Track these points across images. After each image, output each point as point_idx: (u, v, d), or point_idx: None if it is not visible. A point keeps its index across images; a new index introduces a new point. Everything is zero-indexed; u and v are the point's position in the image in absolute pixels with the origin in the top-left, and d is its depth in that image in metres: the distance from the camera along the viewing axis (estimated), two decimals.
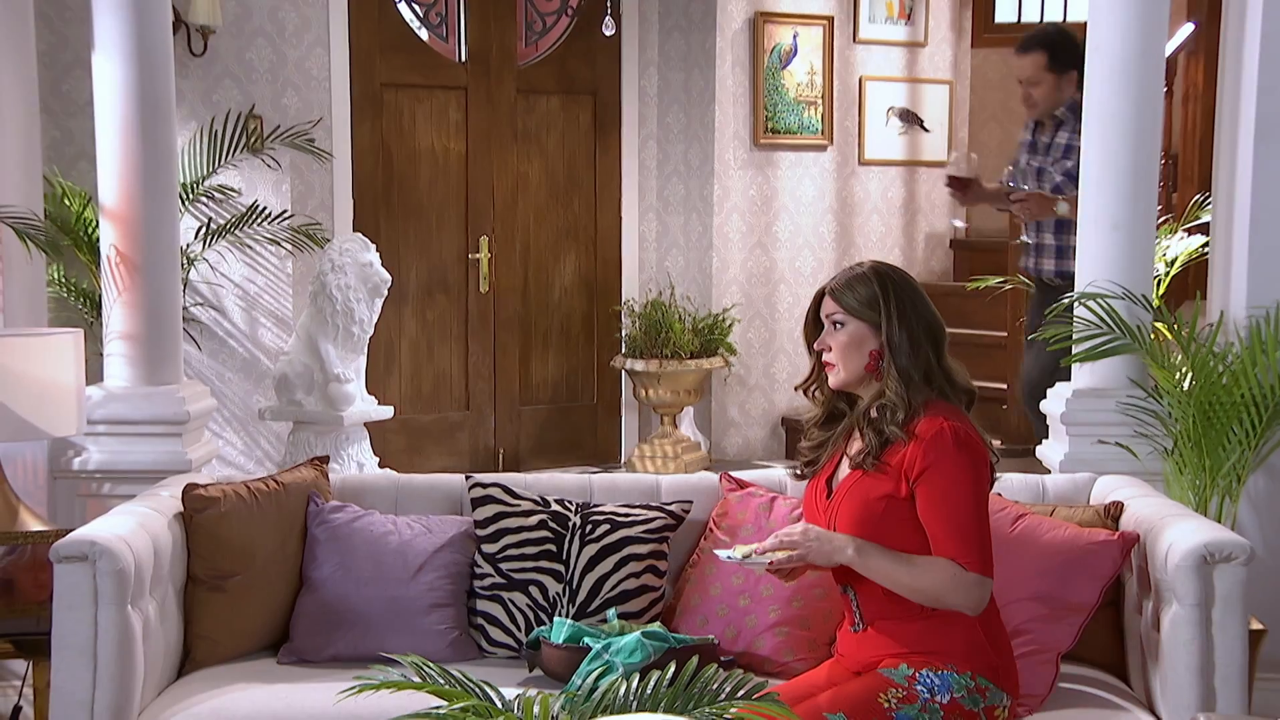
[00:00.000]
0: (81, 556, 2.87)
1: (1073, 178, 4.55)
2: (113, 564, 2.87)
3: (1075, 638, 3.04)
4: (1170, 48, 5.57)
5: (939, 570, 2.57)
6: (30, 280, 4.13)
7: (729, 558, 2.72)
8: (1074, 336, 3.93)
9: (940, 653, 2.60)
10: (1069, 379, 4.09)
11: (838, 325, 2.71)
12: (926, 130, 7.62)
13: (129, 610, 2.90)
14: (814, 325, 2.79)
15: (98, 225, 4.28)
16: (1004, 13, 7.88)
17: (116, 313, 3.93)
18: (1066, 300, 4.01)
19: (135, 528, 3.03)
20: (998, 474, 2.76)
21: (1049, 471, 3.98)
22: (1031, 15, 7.85)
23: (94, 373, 3.90)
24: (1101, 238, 3.95)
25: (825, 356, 2.73)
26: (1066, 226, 4.73)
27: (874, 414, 2.66)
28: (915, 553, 2.61)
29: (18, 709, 3.76)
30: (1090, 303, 3.84)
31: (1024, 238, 4.99)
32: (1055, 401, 4.09)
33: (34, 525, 3.46)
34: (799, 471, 2.86)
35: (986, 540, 2.60)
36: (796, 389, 2.92)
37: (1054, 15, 7.81)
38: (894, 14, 7.46)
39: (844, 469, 2.74)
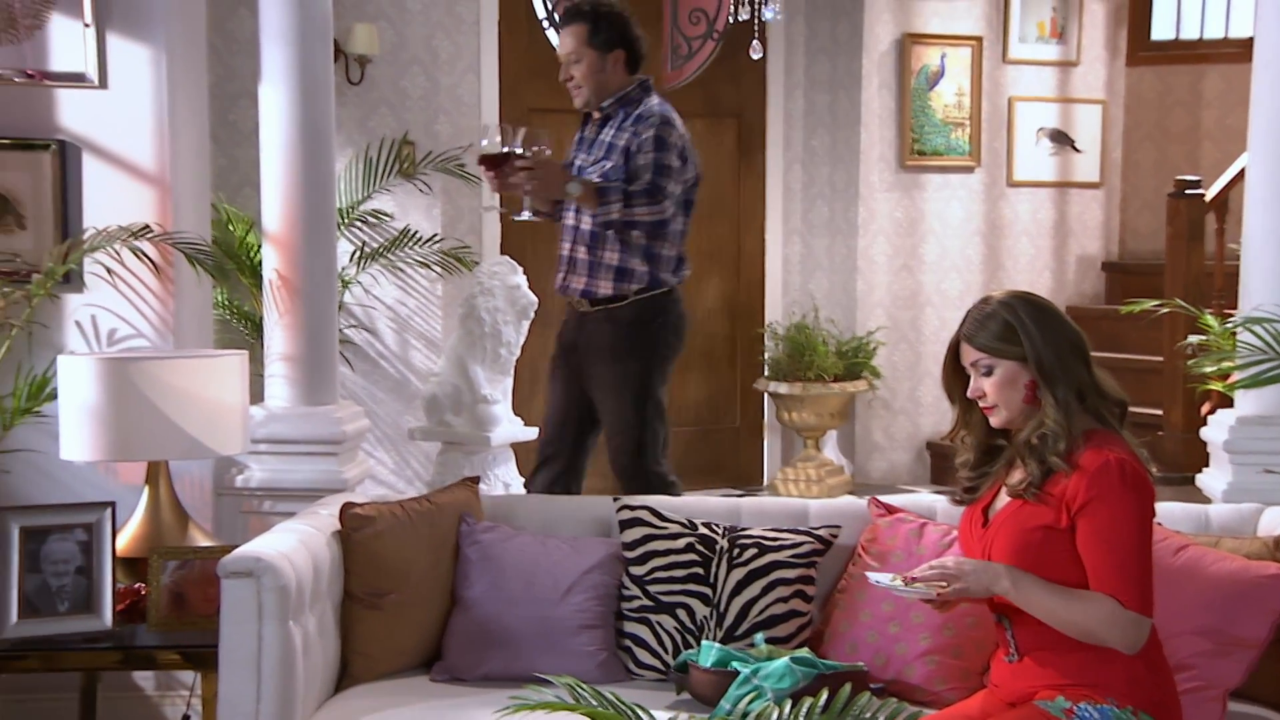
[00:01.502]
0: (247, 572, 2.96)
1: (610, 183, 4.10)
2: (276, 580, 2.95)
3: (1244, 675, 2.94)
4: None
5: (1097, 606, 2.51)
6: (199, 303, 4.29)
7: (878, 582, 2.70)
8: (1237, 363, 3.80)
9: (1100, 685, 2.54)
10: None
11: (986, 370, 2.66)
12: (1078, 151, 7.47)
13: (290, 625, 2.98)
14: (953, 375, 2.74)
15: (260, 249, 4.42)
16: (1161, 30, 7.68)
17: (277, 334, 4.05)
18: (1230, 326, 3.89)
19: (296, 545, 3.12)
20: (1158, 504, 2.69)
21: (1210, 501, 3.86)
22: (1190, 32, 7.64)
23: (253, 393, 4.03)
24: (1267, 260, 3.83)
25: (982, 403, 2.68)
26: (601, 241, 4.18)
27: (1035, 442, 2.61)
28: (1074, 584, 2.55)
29: (186, 718, 3.90)
30: (1255, 327, 3.72)
31: (524, 214, 4.13)
32: (1217, 429, 3.97)
33: (201, 541, 3.59)
34: (958, 497, 2.82)
35: (1148, 579, 2.53)
36: (945, 439, 2.88)
37: (1215, 30, 7.59)
38: (1045, 33, 7.33)
39: (1002, 498, 2.70)
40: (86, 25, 3.91)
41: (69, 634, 3.27)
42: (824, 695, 2.03)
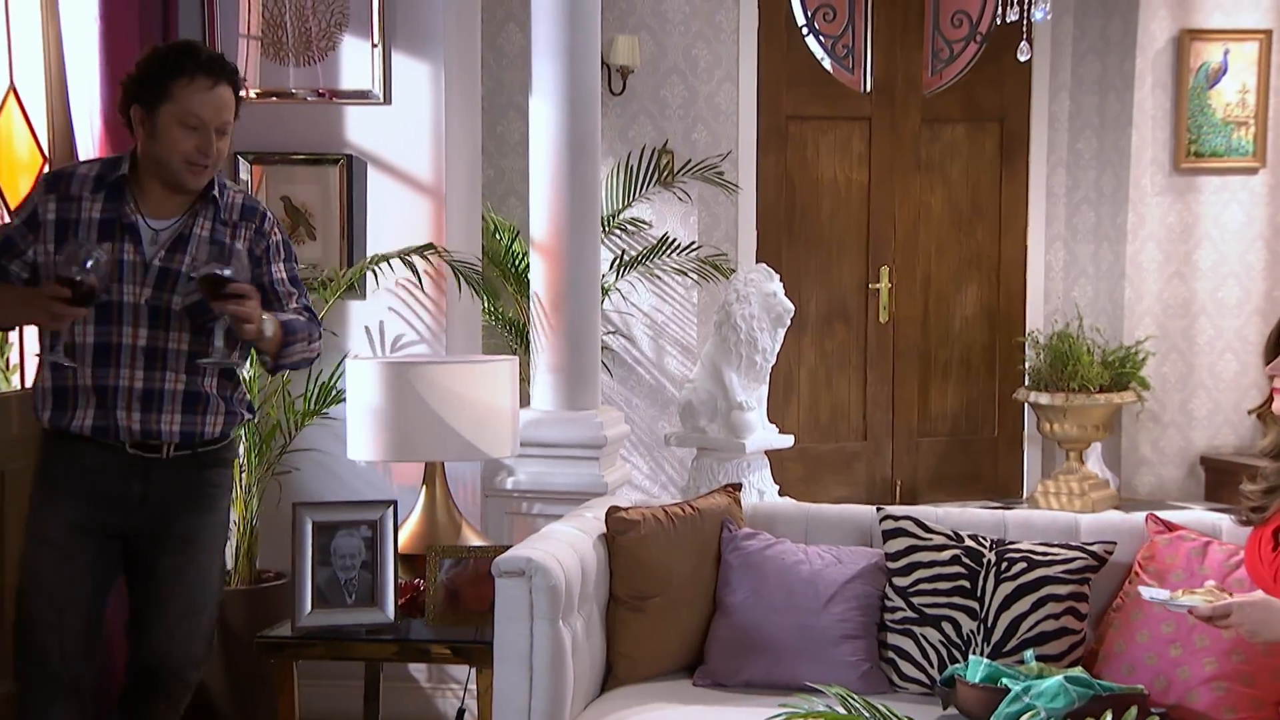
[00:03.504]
0: (520, 572, 3.04)
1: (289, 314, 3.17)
2: (547, 580, 3.03)
3: None
4: None
5: None
6: (468, 311, 4.45)
7: (1153, 598, 2.58)
8: None
9: None
10: None
11: None
12: None
13: (560, 625, 3.06)
14: (1275, 348, 2.63)
15: (524, 258, 4.56)
16: None
17: (542, 340, 4.16)
18: None
19: (565, 547, 3.19)
20: None
21: None
22: None
23: (520, 398, 4.15)
24: None
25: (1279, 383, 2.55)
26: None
27: None
28: None
29: (462, 711, 4.05)
30: None
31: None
32: None
33: (474, 540, 3.72)
34: (1244, 518, 2.68)
35: None
36: (1250, 413, 2.73)
37: None
38: None
39: None
40: (374, 45, 4.11)
41: (355, 624, 3.43)
42: (1108, 717, 1.96)
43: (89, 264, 2.84)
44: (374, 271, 4.07)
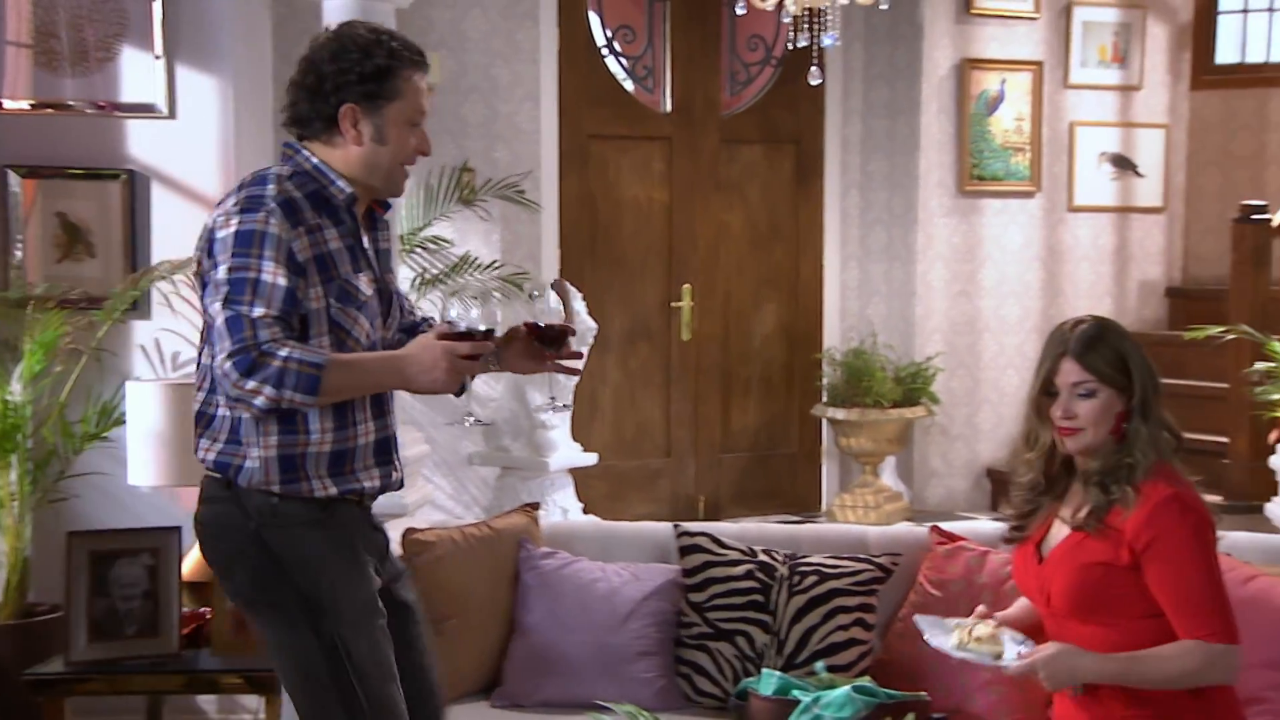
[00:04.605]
0: None
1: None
2: None
3: None
4: None
5: (1187, 655, 2.46)
6: None
7: (940, 648, 2.66)
8: None
9: (1168, 718, 2.50)
10: None
11: (1088, 393, 2.58)
12: (1140, 175, 7.40)
13: None
14: (1044, 393, 2.64)
15: None
16: (1225, 54, 7.59)
17: None
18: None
19: None
20: (1219, 533, 2.64)
21: (1279, 530, 3.80)
22: (1256, 55, 7.56)
23: None
24: None
25: (1068, 424, 2.59)
26: None
27: (1111, 473, 2.56)
28: (1136, 619, 2.52)
29: None
30: None
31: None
32: None
33: None
34: (1007, 536, 2.78)
35: (1226, 606, 2.49)
36: (1017, 460, 2.78)
37: None
38: (1107, 58, 7.28)
39: (1057, 531, 2.65)
40: (157, 57, 3.99)
41: (135, 656, 3.31)
42: None
43: (474, 311, 2.53)
44: (160, 290, 3.95)
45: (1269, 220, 5.88)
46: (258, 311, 2.37)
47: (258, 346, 2.36)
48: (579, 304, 5.37)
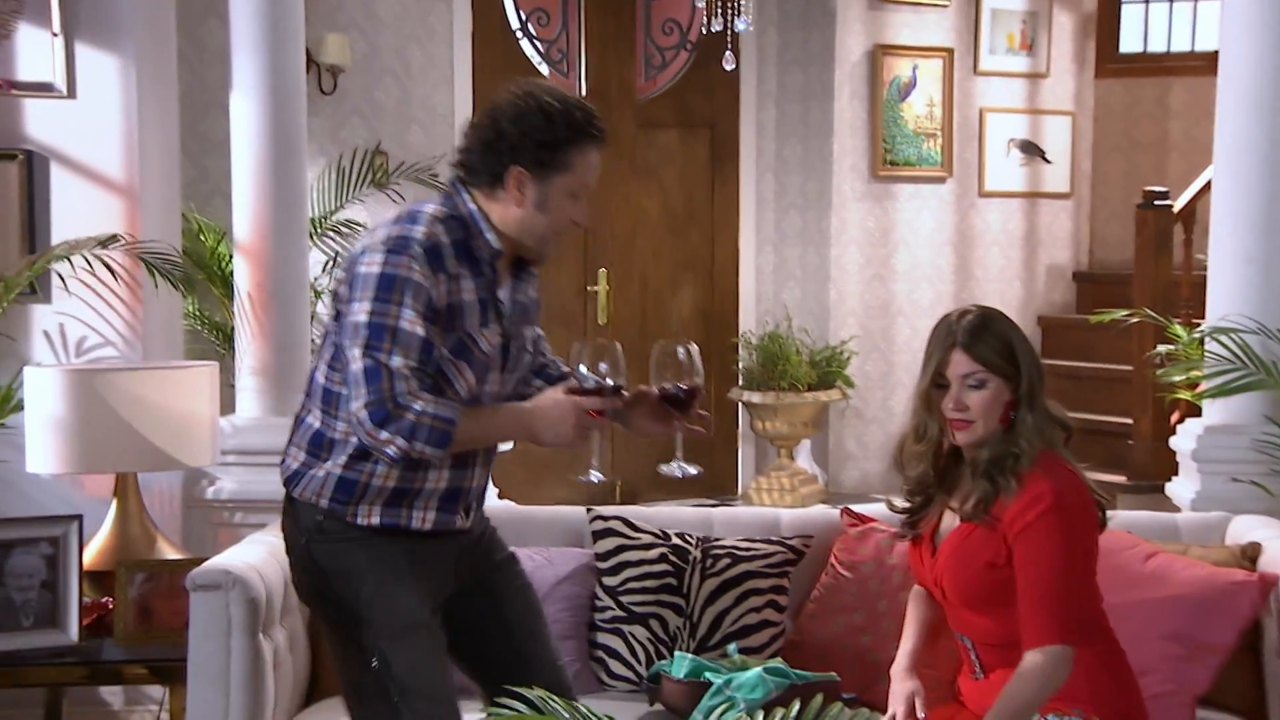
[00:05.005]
0: (216, 585, 2.93)
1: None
2: (245, 593, 2.93)
3: (1211, 680, 2.95)
4: None
5: (1029, 681, 2.46)
6: (167, 314, 4.27)
7: None
8: (1205, 372, 3.83)
9: (1065, 697, 2.53)
10: None
11: (978, 384, 2.56)
12: (1048, 161, 7.52)
13: (260, 638, 2.96)
14: (933, 385, 2.61)
15: (231, 260, 4.40)
16: (1128, 42, 7.73)
17: (247, 345, 4.03)
18: (1197, 335, 3.91)
19: (266, 557, 3.09)
20: (1111, 514, 2.67)
21: (1179, 509, 3.88)
22: (1157, 44, 7.70)
23: (226, 404, 4.00)
24: (1234, 271, 3.86)
25: (959, 416, 2.58)
26: None
27: (998, 463, 2.57)
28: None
29: None
30: (1222, 337, 3.75)
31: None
32: (1185, 438, 3.99)
33: (170, 553, 3.56)
34: (900, 533, 2.79)
35: (1071, 607, 2.49)
36: (901, 455, 2.76)
37: (1181, 43, 7.65)
38: (1015, 45, 7.38)
39: (948, 522, 2.65)
40: (55, 35, 3.89)
41: (33, 649, 3.23)
42: (795, 705, 2.02)
43: (603, 366, 2.56)
44: (58, 273, 3.85)
45: (1170, 206, 5.99)
46: (396, 362, 2.39)
47: (394, 399, 2.38)
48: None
